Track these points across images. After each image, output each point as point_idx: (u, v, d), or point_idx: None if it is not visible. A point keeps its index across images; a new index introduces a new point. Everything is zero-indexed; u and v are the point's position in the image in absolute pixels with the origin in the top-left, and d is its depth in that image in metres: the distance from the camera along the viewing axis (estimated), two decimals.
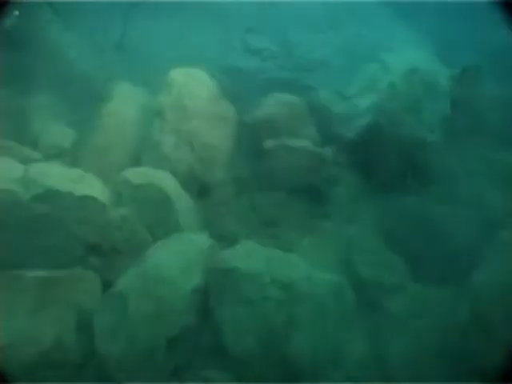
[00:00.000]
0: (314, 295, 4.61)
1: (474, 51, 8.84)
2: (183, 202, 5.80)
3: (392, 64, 8.54)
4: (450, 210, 5.72)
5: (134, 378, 4.50)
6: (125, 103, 6.90)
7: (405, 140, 5.97)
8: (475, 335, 5.15)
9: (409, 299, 5.50)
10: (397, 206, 6.11)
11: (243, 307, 4.55)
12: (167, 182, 5.73)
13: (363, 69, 8.73)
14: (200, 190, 6.38)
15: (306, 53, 9.90)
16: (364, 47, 9.67)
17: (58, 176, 4.98)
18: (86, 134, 6.78)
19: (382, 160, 6.40)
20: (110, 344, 4.57)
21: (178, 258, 4.67)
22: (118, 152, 6.53)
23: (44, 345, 4.65)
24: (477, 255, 5.71)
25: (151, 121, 6.65)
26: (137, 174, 5.67)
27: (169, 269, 4.56)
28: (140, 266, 4.67)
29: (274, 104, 7.25)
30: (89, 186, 5.08)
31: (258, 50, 9.63)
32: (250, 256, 4.71)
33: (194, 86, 6.78)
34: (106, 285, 5.27)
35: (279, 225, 6.46)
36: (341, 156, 7.02)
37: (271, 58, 9.61)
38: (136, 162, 6.44)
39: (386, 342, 5.34)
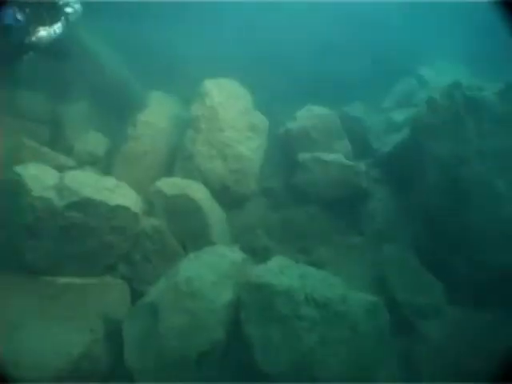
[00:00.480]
0: (349, 315, 4.45)
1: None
2: (215, 213, 5.75)
3: (429, 78, 8.41)
4: (492, 231, 5.49)
5: None
6: (158, 113, 6.94)
7: (445, 157, 5.78)
8: None
9: (445, 323, 5.29)
10: (434, 224, 5.90)
11: (275, 324, 4.42)
12: (200, 193, 5.70)
13: (398, 82, 8.61)
14: (232, 201, 6.32)
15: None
16: (397, 58, 9.53)
17: (92, 185, 4.98)
18: (119, 143, 6.82)
19: (418, 176, 6.21)
20: (138, 356, 4.50)
21: (210, 272, 4.59)
22: (150, 161, 6.55)
23: (73, 354, 4.61)
24: None
25: (184, 131, 6.65)
26: (170, 185, 5.65)
27: (201, 282, 4.48)
28: (171, 278, 4.60)
29: (307, 116, 7.18)
30: (122, 195, 5.07)
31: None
32: (283, 272, 4.58)
33: (227, 96, 6.77)
34: (135, 295, 5.25)
35: (311, 240, 6.34)
36: (375, 171, 6.88)
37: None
38: (168, 172, 6.44)
39: (420, 366, 5.15)
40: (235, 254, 4.96)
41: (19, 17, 5.23)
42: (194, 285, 4.47)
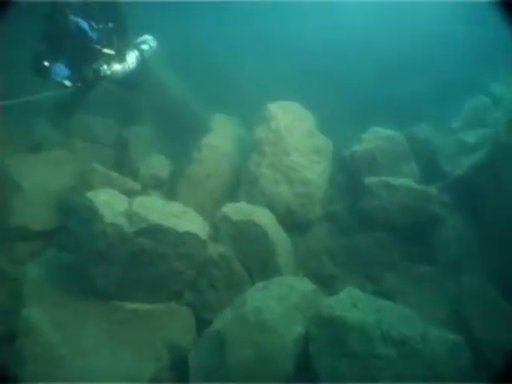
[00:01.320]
0: (429, 355, 4.13)
1: None
2: (281, 239, 5.60)
3: (502, 94, 7.94)
4: None
5: None
6: (222, 135, 6.93)
7: None
8: None
9: None
10: None
11: (347, 361, 4.17)
12: (266, 218, 5.57)
13: (467, 100, 8.18)
14: (296, 226, 6.16)
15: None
16: (464, 74, 9.09)
17: (159, 210, 4.96)
18: (182, 166, 6.86)
19: (497, 201, 5.80)
20: None
21: (279, 303, 4.41)
22: (213, 184, 6.53)
23: (141, 380, 4.57)
24: None
25: (247, 154, 6.59)
26: (235, 210, 5.56)
27: (269, 314, 4.30)
28: (239, 309, 4.47)
29: (372, 138, 6.94)
30: (190, 221, 5.02)
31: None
32: (355, 305, 4.33)
33: (291, 119, 6.65)
34: (201, 322, 5.19)
35: (379, 267, 6.06)
36: (446, 195, 6.49)
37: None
38: (232, 195, 6.39)
39: None
40: (305, 285, 4.77)
41: (94, 25, 5.45)
42: (262, 317, 4.31)
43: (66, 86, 5.31)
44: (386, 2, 10.03)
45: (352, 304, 4.38)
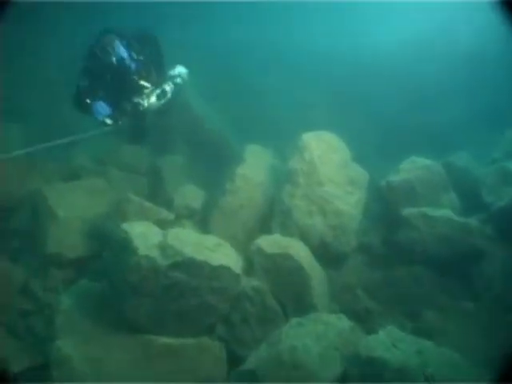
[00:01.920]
0: None
1: None
2: (316, 273, 5.44)
3: None
4: None
5: None
6: (255, 166, 6.87)
7: None
8: None
9: None
10: None
11: None
12: (301, 252, 5.44)
13: (510, 127, 7.90)
14: (330, 259, 5.99)
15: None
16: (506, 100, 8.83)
17: (194, 243, 4.91)
18: (215, 196, 6.82)
19: None
20: None
21: (315, 342, 4.24)
22: (246, 215, 6.44)
23: None
24: None
25: (281, 184, 6.51)
26: (270, 243, 5.45)
27: (305, 353, 4.15)
28: (273, 346, 4.33)
29: (410, 168, 6.74)
30: (224, 254, 4.95)
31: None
32: (396, 346, 4.12)
33: (325, 149, 6.55)
34: (232, 358, 5.05)
35: (417, 303, 5.79)
36: (489, 227, 6.20)
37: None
38: (265, 226, 6.28)
39: None
40: (341, 322, 4.59)
41: (134, 55, 5.58)
42: (298, 356, 4.15)
43: (107, 124, 5.44)
44: (418, 25, 9.96)
45: (392, 344, 4.17)
